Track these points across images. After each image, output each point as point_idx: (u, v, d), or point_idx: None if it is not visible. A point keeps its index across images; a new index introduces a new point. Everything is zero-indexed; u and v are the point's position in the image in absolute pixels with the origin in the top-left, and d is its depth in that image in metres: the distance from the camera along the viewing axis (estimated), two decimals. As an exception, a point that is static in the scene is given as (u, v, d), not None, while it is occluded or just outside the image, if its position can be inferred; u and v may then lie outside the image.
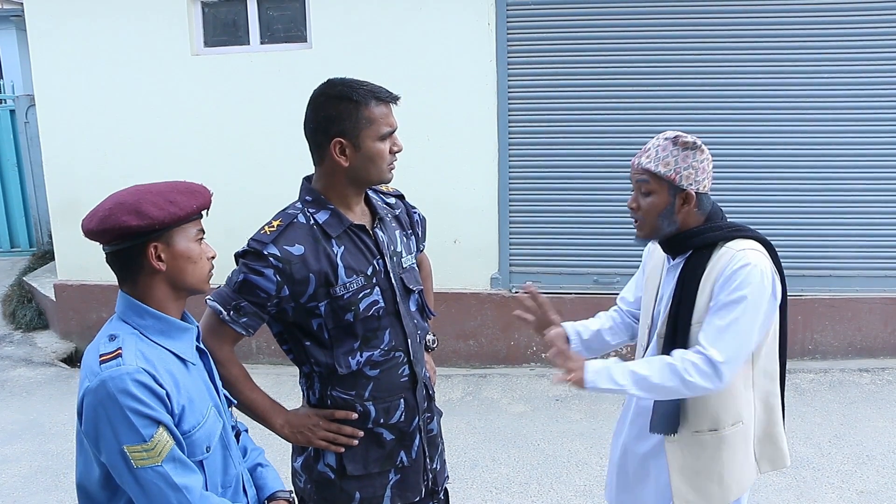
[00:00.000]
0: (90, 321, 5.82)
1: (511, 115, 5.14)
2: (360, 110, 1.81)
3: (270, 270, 1.79)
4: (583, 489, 3.70)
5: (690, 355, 1.87)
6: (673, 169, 1.90)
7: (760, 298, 1.86)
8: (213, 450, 1.60)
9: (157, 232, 1.52)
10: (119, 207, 1.51)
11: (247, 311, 1.82)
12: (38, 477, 4.05)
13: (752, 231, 1.98)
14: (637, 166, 1.96)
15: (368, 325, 1.88)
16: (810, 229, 5.03)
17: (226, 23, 5.54)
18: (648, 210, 1.95)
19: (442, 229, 4.64)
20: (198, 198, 1.59)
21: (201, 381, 1.63)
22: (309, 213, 1.87)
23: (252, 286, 1.80)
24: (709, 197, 1.98)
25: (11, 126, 8.06)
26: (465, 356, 5.39)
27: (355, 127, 1.81)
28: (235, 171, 5.38)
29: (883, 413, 4.36)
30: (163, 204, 1.52)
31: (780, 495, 3.54)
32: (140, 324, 1.56)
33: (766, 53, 4.89)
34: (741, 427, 1.99)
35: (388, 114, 1.85)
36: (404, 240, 2.04)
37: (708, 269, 1.92)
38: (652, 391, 1.90)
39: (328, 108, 1.82)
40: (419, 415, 2.00)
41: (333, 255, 1.85)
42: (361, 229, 1.91)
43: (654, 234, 2.00)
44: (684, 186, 1.91)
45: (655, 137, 1.97)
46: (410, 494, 2.00)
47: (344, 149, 1.82)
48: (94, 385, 1.45)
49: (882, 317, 5.07)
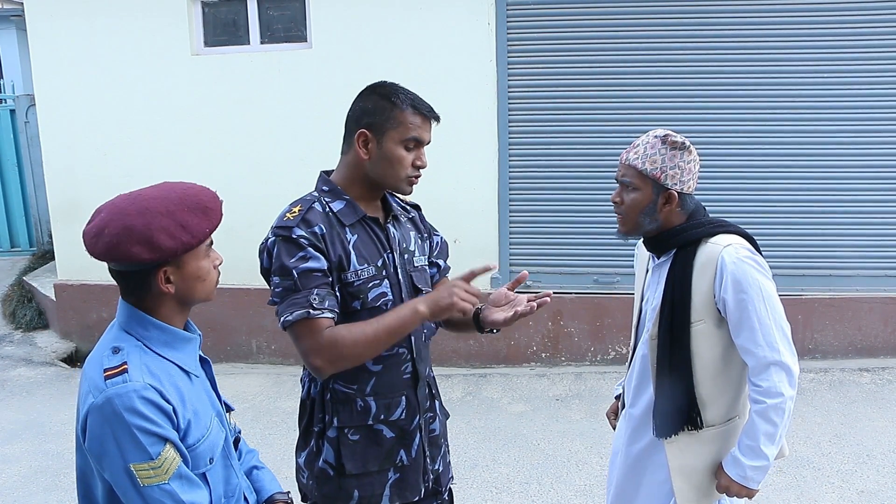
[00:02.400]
0: (90, 321, 5.82)
1: (511, 114, 5.15)
2: (394, 111, 1.85)
3: (310, 249, 1.79)
4: (583, 488, 3.70)
5: (754, 390, 1.90)
6: (659, 167, 1.92)
7: (768, 283, 1.89)
8: (216, 461, 1.59)
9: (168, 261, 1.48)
10: (128, 235, 1.44)
11: (322, 294, 1.79)
12: (38, 476, 4.05)
13: (734, 226, 2.00)
14: (624, 161, 1.98)
15: (374, 315, 1.88)
16: (811, 229, 5.03)
17: (226, 22, 5.54)
18: (630, 206, 1.97)
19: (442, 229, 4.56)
20: (210, 218, 1.52)
21: (204, 392, 1.61)
22: (325, 202, 1.89)
23: (308, 272, 1.79)
24: (692, 197, 1.99)
25: (11, 126, 8.06)
26: (465, 356, 5.39)
27: (383, 124, 1.85)
28: (235, 170, 5.38)
29: (883, 412, 4.36)
30: (175, 231, 1.46)
31: (781, 495, 3.54)
32: (143, 335, 1.52)
33: (768, 54, 4.89)
34: (738, 421, 2.02)
35: (421, 126, 1.88)
36: (419, 242, 2.05)
37: (697, 267, 1.93)
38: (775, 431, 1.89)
39: (368, 100, 1.87)
40: (420, 414, 2.00)
41: (346, 242, 1.86)
42: (375, 222, 1.93)
43: (635, 231, 2.01)
44: (668, 186, 1.93)
45: (646, 134, 1.98)
46: (409, 494, 2.00)
47: (367, 142, 1.86)
48: (99, 402, 1.41)
49: (882, 316, 5.07)
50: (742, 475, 1.91)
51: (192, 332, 1.63)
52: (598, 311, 5.23)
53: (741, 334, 1.89)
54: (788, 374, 1.88)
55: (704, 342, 1.94)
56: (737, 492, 1.93)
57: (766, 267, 1.92)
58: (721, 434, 2.00)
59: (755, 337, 1.87)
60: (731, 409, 2.01)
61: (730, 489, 1.94)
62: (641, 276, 2.15)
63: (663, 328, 1.97)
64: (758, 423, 1.89)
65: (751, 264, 1.88)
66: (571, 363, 5.30)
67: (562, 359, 5.31)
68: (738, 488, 1.93)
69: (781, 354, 1.87)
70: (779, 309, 1.90)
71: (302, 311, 1.76)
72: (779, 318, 1.89)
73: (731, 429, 2.00)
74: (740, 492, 1.93)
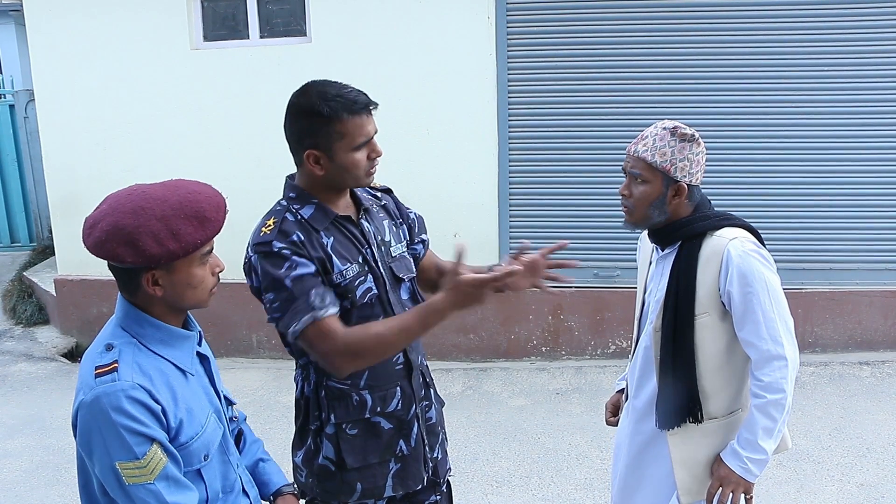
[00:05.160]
0: (91, 316, 5.82)
1: (511, 108, 5.13)
2: (332, 124, 1.77)
3: (294, 257, 1.77)
4: (583, 482, 3.70)
5: (756, 384, 1.91)
6: (669, 160, 1.91)
7: (773, 277, 1.90)
8: (212, 457, 1.57)
9: None
10: (116, 234, 1.41)
11: (322, 293, 1.78)
12: (39, 471, 4.06)
13: (739, 219, 2.00)
14: (633, 153, 1.97)
15: (363, 312, 1.88)
16: (810, 222, 5.02)
17: (225, 17, 5.53)
18: (640, 198, 1.96)
19: (442, 223, 4.63)
20: (206, 228, 1.46)
21: (201, 389, 1.59)
22: (294, 209, 1.86)
23: (300, 279, 1.77)
24: (699, 189, 1.99)
25: (11, 121, 8.05)
26: (466, 350, 5.39)
27: (327, 140, 1.78)
28: (235, 164, 5.38)
29: (883, 406, 4.36)
30: (164, 236, 1.41)
31: (781, 488, 3.55)
32: (139, 332, 1.50)
33: (768, 46, 4.87)
34: (741, 414, 2.03)
35: (363, 124, 1.80)
36: (394, 229, 2.03)
37: (702, 260, 1.93)
38: (774, 426, 1.89)
39: (300, 119, 1.80)
40: (416, 402, 2.01)
41: (325, 246, 1.85)
42: (348, 220, 1.91)
43: (643, 223, 2.01)
44: (678, 178, 1.92)
45: (654, 125, 1.97)
46: (412, 483, 2.01)
47: (318, 159, 1.81)
48: (88, 399, 1.42)
49: (882, 310, 5.07)
50: (742, 466, 1.92)
51: (191, 327, 1.62)
52: (598, 305, 5.23)
53: (745, 327, 1.90)
54: (791, 369, 1.88)
55: (708, 335, 1.95)
56: (735, 483, 1.94)
57: (771, 261, 1.93)
58: (724, 426, 2.00)
59: (759, 331, 1.88)
60: (734, 402, 2.01)
61: (727, 480, 1.94)
62: (644, 268, 2.15)
63: (667, 320, 1.97)
64: (757, 417, 1.89)
65: (756, 258, 1.89)
66: (572, 357, 5.30)
67: (562, 353, 5.32)
68: (737, 479, 1.93)
69: (785, 349, 1.87)
70: (783, 303, 1.91)
71: (307, 315, 1.75)
72: (783, 312, 1.90)
73: (733, 421, 2.01)
74: (738, 483, 1.94)
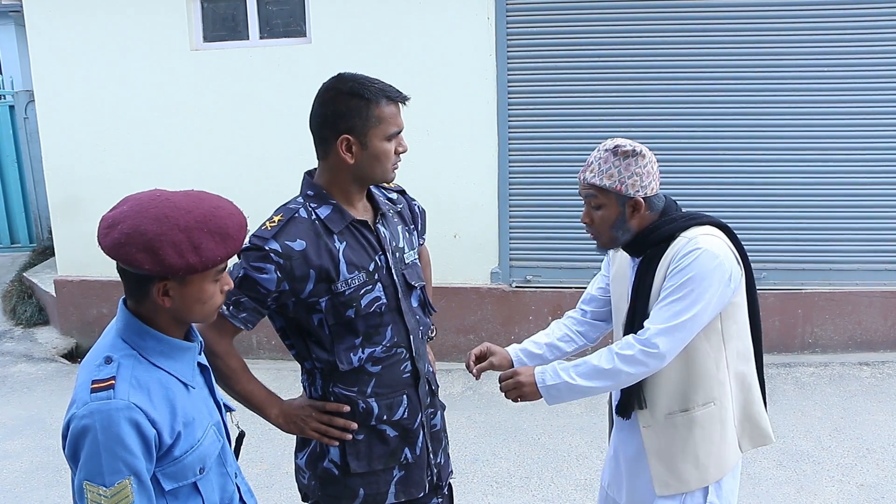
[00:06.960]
0: (91, 317, 5.82)
1: (511, 108, 5.13)
2: (371, 108, 1.78)
3: (271, 266, 1.78)
4: (583, 483, 3.70)
5: (629, 336, 1.93)
6: (617, 180, 1.92)
7: (709, 280, 1.86)
8: (209, 470, 1.55)
9: None
10: (136, 238, 1.37)
11: (246, 306, 1.81)
12: (39, 472, 4.06)
13: (709, 217, 2.00)
14: (583, 181, 1.99)
15: (370, 321, 1.88)
16: (810, 223, 5.02)
17: (225, 17, 5.53)
18: (601, 223, 1.99)
19: (442, 224, 4.63)
20: (227, 245, 1.43)
21: (201, 401, 1.57)
22: (311, 208, 1.86)
23: (253, 282, 1.79)
24: (659, 196, 1.99)
25: (11, 122, 8.05)
26: (466, 350, 5.32)
27: (365, 125, 1.79)
28: (234, 165, 5.38)
29: (883, 406, 4.36)
30: (185, 248, 1.38)
31: (781, 489, 3.55)
32: (139, 344, 1.47)
33: (768, 46, 4.88)
34: (713, 408, 1.98)
35: (397, 114, 1.83)
36: (406, 235, 2.03)
37: (664, 261, 1.94)
38: (596, 376, 1.93)
39: (338, 103, 1.79)
40: (422, 411, 2.00)
41: (335, 251, 1.83)
42: (363, 225, 1.90)
43: (613, 244, 2.03)
44: (631, 195, 1.93)
45: (596, 149, 1.99)
46: (414, 490, 2.00)
47: (351, 146, 1.80)
48: (80, 413, 1.40)
49: (882, 310, 5.07)
50: (542, 376, 1.96)
51: (192, 338, 1.59)
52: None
53: (659, 303, 1.90)
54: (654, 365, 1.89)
55: None
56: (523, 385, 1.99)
57: (727, 257, 1.90)
58: (695, 419, 1.98)
59: (658, 312, 1.89)
60: (704, 395, 1.97)
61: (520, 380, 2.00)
62: (624, 277, 2.12)
63: (628, 318, 2.01)
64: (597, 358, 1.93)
65: (699, 249, 1.87)
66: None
67: (562, 353, 5.31)
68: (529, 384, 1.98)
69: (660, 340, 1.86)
70: (701, 302, 1.86)
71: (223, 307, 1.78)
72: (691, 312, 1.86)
73: (705, 414, 1.98)
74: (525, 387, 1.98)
